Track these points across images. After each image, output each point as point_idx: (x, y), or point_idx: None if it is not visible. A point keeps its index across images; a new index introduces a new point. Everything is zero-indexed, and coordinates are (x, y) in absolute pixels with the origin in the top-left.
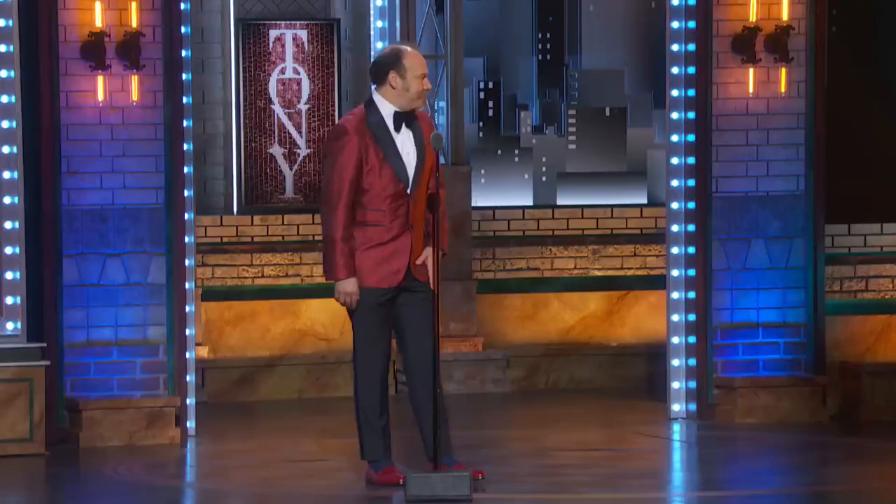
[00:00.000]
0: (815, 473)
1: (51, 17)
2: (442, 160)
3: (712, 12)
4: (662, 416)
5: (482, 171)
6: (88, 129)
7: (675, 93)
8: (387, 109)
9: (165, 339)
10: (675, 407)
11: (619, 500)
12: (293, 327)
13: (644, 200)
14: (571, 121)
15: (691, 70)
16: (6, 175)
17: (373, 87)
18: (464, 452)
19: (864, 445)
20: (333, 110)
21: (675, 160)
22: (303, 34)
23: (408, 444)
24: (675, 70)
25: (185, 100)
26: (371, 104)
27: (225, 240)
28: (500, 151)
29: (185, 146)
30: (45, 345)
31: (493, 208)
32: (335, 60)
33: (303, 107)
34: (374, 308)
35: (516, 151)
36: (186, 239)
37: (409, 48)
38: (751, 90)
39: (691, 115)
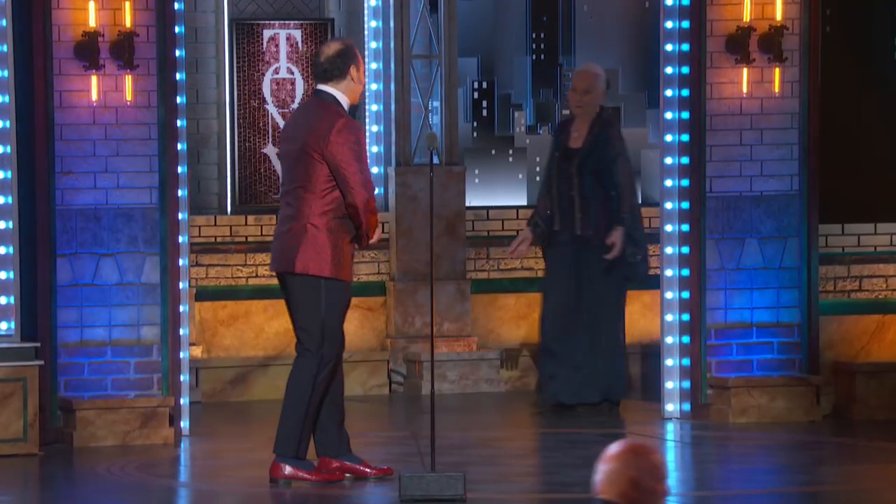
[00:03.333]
0: (809, 473)
1: (45, 16)
2: (436, 160)
3: (706, 12)
4: (656, 415)
5: (476, 171)
6: (82, 129)
7: (669, 93)
8: (345, 103)
9: (159, 338)
10: (669, 407)
11: None
12: (287, 327)
13: (638, 200)
14: None
15: (685, 70)
16: (0, 174)
17: (326, 81)
18: (458, 452)
19: (857, 445)
20: None
21: (669, 160)
22: (297, 34)
23: (402, 445)
24: (669, 70)
25: (178, 99)
26: (330, 97)
27: (219, 239)
28: (494, 151)
29: (179, 146)
30: (38, 344)
31: (487, 208)
32: None
33: (297, 107)
34: (348, 303)
35: (510, 151)
36: (180, 239)
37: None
38: (745, 90)
39: (685, 114)
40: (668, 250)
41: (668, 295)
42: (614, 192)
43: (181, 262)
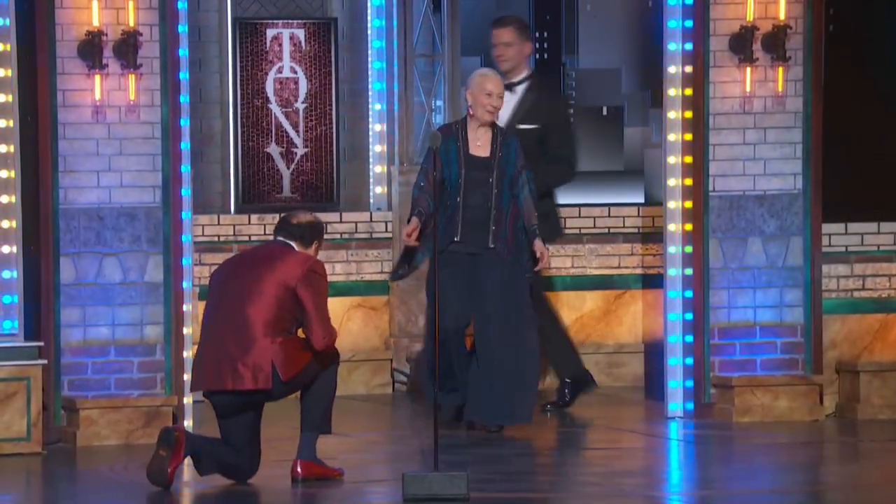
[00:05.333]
0: (812, 472)
1: (48, 15)
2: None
3: (709, 11)
4: (659, 415)
5: None
6: (85, 128)
7: (671, 92)
8: None
9: (163, 338)
10: (672, 406)
11: (616, 498)
12: None
13: (641, 199)
14: None
15: (688, 69)
16: (3, 174)
17: (289, 240)
18: (461, 451)
19: (860, 444)
20: (330, 109)
21: (672, 159)
22: (300, 33)
23: (405, 444)
24: (671, 69)
25: (182, 99)
26: (291, 246)
27: (222, 238)
28: None
29: (182, 145)
30: (42, 344)
31: None
32: (332, 59)
33: (300, 106)
34: None
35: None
36: (183, 238)
37: None
38: (748, 89)
39: (688, 114)
40: (672, 249)
41: (672, 294)
42: (522, 202)
43: (184, 261)
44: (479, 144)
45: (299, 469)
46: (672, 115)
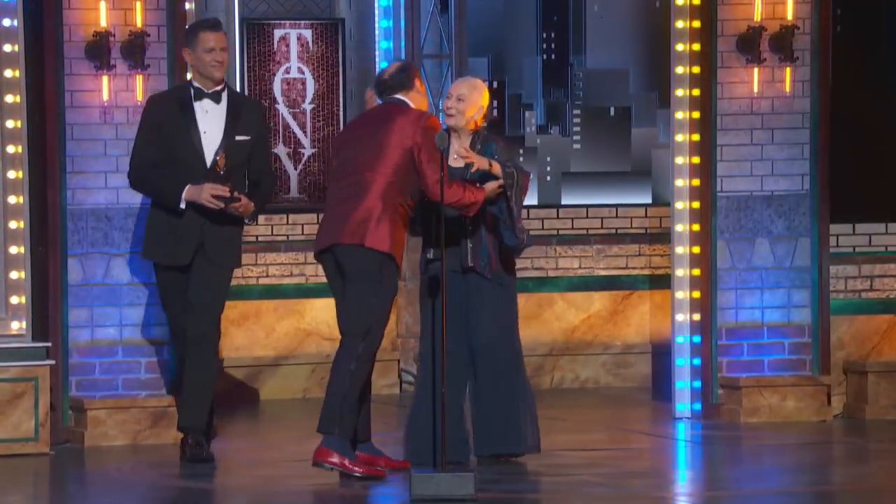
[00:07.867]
0: (820, 473)
1: (55, 16)
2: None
3: (717, 12)
4: (667, 415)
5: None
6: (93, 129)
7: (679, 92)
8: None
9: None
10: (680, 406)
11: (624, 499)
12: (297, 327)
13: (648, 200)
14: (576, 120)
15: (696, 70)
16: (11, 174)
17: (394, 93)
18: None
19: (868, 445)
20: (338, 110)
21: (679, 160)
22: (307, 34)
23: (401, 445)
24: (679, 70)
25: None
26: (402, 101)
27: None
28: None
29: None
30: (49, 344)
31: None
32: (340, 60)
33: (307, 106)
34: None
35: (521, 151)
36: None
37: None
38: (755, 90)
39: (696, 114)
40: (679, 250)
41: (679, 295)
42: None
43: None
44: (455, 156)
45: (332, 458)
46: (680, 115)
